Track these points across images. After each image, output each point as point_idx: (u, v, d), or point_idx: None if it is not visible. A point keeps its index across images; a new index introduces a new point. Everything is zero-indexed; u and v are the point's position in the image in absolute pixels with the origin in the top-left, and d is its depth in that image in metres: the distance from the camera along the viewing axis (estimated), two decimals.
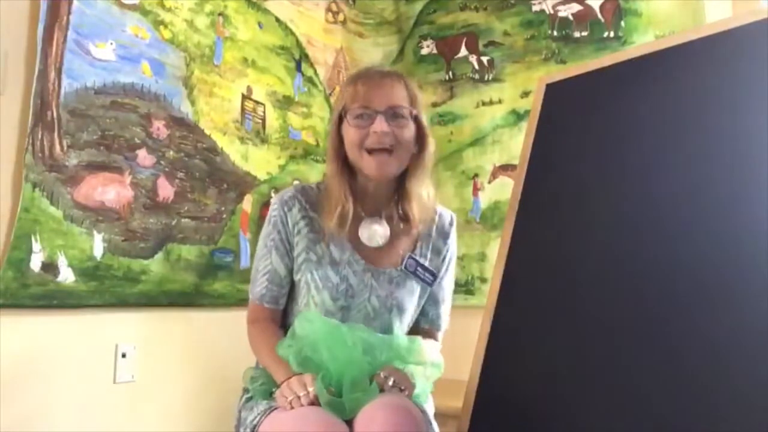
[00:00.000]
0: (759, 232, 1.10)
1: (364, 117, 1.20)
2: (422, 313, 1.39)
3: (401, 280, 1.28)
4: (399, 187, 1.28)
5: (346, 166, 1.25)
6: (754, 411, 1.01)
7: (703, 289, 1.15)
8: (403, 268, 1.28)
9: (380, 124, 1.18)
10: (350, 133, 1.22)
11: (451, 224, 1.39)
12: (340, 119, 1.24)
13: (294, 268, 1.27)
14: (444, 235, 1.38)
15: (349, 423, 1.07)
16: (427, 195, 1.29)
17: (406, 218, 1.28)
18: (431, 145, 1.28)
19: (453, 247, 1.41)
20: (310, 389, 1.07)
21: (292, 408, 1.07)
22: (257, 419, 1.15)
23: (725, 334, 1.09)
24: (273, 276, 1.27)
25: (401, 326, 1.29)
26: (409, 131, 1.23)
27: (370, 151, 1.20)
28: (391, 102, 1.21)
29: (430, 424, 1.14)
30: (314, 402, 1.07)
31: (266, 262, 1.27)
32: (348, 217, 1.22)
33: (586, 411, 1.22)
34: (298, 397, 1.07)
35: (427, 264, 1.32)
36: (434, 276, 1.35)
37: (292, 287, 1.30)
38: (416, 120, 1.25)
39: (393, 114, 1.21)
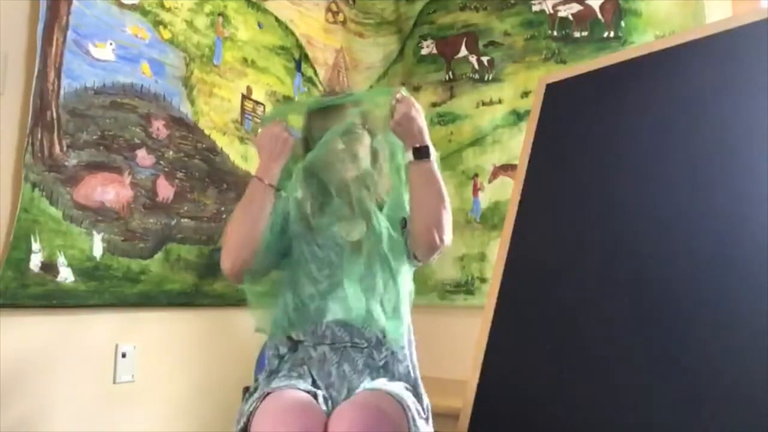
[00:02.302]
0: (759, 232, 1.10)
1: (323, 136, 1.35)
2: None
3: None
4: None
5: (316, 182, 1.40)
6: (750, 411, 1.01)
7: (702, 288, 1.15)
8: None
9: (337, 143, 1.34)
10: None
11: None
12: (307, 145, 1.40)
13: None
14: None
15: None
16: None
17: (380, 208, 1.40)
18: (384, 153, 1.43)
19: None
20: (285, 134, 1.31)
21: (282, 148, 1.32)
22: (252, 406, 1.18)
23: (722, 333, 1.09)
24: None
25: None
26: (364, 144, 1.39)
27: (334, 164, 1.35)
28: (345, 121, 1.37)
29: (414, 422, 1.14)
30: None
31: None
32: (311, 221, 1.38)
33: (585, 410, 1.22)
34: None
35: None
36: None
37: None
38: (370, 132, 1.40)
39: (347, 130, 1.36)
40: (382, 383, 1.22)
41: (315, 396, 1.19)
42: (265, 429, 1.10)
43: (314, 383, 1.26)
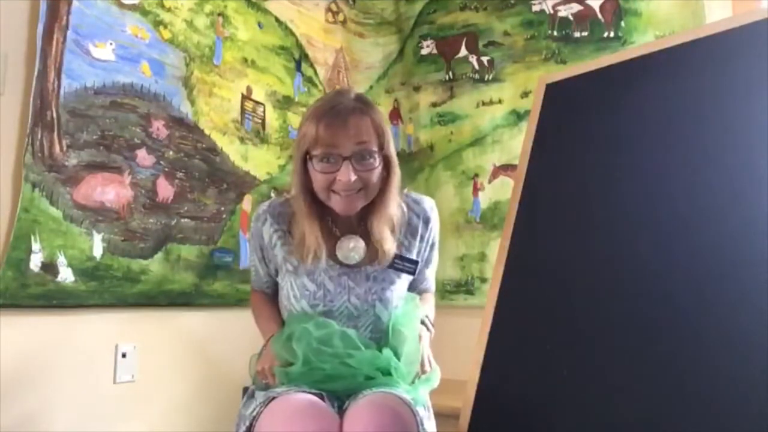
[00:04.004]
0: (758, 233, 1.10)
1: (330, 161, 1.17)
2: (410, 288, 1.39)
3: (379, 275, 1.28)
4: (370, 207, 1.25)
5: (315, 203, 1.24)
6: (747, 410, 1.01)
7: (700, 289, 1.15)
8: (386, 267, 1.28)
9: (346, 173, 1.15)
10: (318, 178, 1.19)
11: (431, 209, 1.36)
12: (305, 159, 1.21)
13: (279, 275, 1.35)
14: (425, 220, 1.34)
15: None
16: (396, 210, 1.28)
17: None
18: (396, 174, 1.26)
19: (436, 229, 1.38)
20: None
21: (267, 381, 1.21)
22: (255, 410, 1.16)
23: (721, 334, 1.09)
24: (256, 270, 1.41)
25: (388, 314, 1.28)
26: (377, 171, 1.20)
27: (339, 194, 1.19)
28: (358, 147, 1.17)
29: (422, 425, 1.14)
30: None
31: (252, 260, 1.42)
32: (321, 256, 1.24)
33: (585, 410, 1.22)
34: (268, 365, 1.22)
35: (409, 254, 1.32)
36: (416, 263, 1.32)
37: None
38: (384, 156, 1.22)
39: (360, 157, 1.17)
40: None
41: (321, 398, 1.18)
42: (278, 429, 1.07)
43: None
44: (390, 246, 1.26)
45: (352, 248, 1.26)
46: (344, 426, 1.07)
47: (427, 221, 1.34)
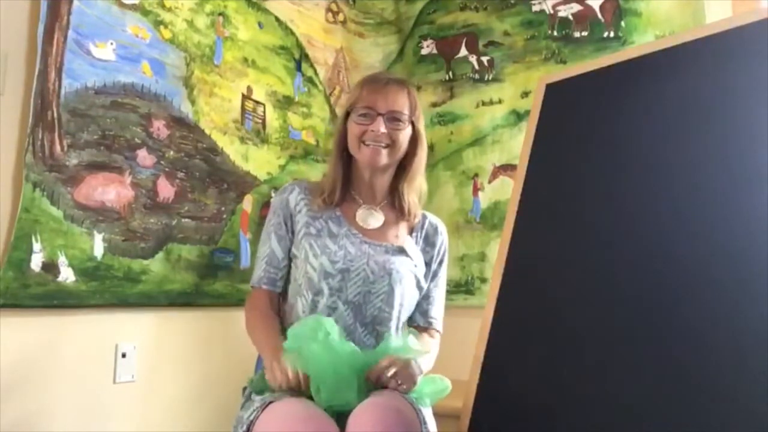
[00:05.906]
0: (759, 233, 1.10)
1: (367, 116, 1.35)
2: (418, 309, 1.47)
3: (397, 252, 1.38)
4: (394, 182, 1.44)
5: (345, 158, 1.42)
6: (749, 412, 1.01)
7: (701, 289, 1.15)
8: (399, 245, 1.40)
9: (379, 125, 1.33)
10: (353, 128, 1.37)
11: (444, 228, 1.53)
12: (347, 116, 1.40)
13: (294, 243, 1.38)
14: (438, 232, 1.50)
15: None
16: (418, 192, 1.46)
17: (400, 210, 1.43)
18: (424, 149, 1.43)
19: (446, 247, 1.51)
20: (300, 372, 1.14)
21: (280, 387, 1.15)
22: (253, 415, 1.16)
23: (722, 334, 1.09)
24: (271, 259, 1.40)
25: (401, 298, 1.34)
26: (405, 134, 1.38)
27: (368, 145, 1.35)
28: (392, 107, 1.35)
29: (425, 423, 1.14)
30: (299, 383, 1.14)
31: (265, 247, 1.42)
32: (335, 195, 1.38)
33: (585, 411, 1.22)
34: (288, 377, 1.14)
35: (419, 252, 1.44)
36: (426, 265, 1.45)
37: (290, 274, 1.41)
38: (413, 125, 1.40)
39: (392, 117, 1.35)
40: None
41: None
42: (279, 426, 1.08)
43: None
44: (415, 208, 1.44)
45: (371, 214, 1.40)
46: (348, 427, 1.07)
47: (439, 232, 1.49)
